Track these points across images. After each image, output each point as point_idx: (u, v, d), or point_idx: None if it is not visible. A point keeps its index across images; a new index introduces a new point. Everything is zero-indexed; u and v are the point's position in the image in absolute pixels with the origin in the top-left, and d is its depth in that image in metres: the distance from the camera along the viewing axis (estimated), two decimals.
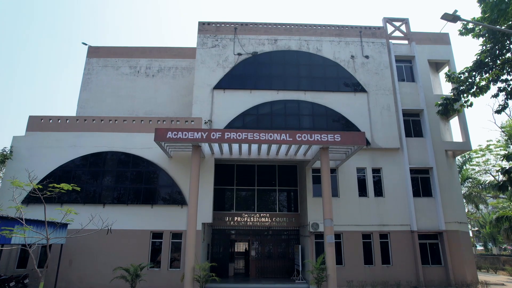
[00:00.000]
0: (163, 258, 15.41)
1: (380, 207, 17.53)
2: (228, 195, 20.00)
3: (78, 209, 14.92)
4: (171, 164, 16.42)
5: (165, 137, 14.02)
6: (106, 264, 14.64)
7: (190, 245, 13.49)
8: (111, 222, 13.85)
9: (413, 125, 19.20)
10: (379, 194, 17.94)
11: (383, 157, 18.28)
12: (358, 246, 16.97)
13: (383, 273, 16.61)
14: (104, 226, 11.64)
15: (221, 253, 19.21)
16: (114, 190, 16.03)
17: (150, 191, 16.09)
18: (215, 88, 18.67)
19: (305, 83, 19.09)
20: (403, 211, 17.47)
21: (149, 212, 15.82)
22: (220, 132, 14.10)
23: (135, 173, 16.27)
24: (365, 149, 18.13)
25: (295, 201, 19.80)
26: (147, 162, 16.39)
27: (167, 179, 16.21)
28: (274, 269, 19.02)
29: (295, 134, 14.27)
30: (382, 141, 18.20)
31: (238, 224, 19.10)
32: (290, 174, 20.13)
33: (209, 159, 16.56)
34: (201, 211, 15.46)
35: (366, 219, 17.30)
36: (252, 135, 14.10)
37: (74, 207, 15.11)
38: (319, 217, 16.89)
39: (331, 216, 14.18)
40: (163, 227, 15.68)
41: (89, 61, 21.71)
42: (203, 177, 16.08)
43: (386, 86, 19.20)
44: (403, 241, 17.08)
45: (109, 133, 16.75)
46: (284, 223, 19.24)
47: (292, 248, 19.44)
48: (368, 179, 18.00)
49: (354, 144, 14.35)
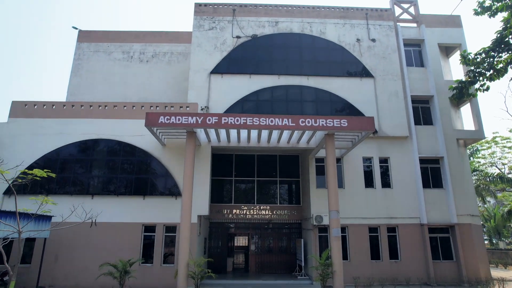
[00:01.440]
0: (156, 253, 14.21)
1: (388, 199, 16.31)
2: (226, 186, 18.78)
3: (65, 200, 13.74)
4: (164, 152, 15.16)
5: (157, 122, 12.74)
6: (95, 259, 13.43)
7: (184, 239, 12.27)
8: (96, 214, 12.63)
9: (423, 112, 17.91)
10: (387, 185, 16.70)
11: (391, 146, 17.02)
12: (365, 240, 15.77)
13: (391, 269, 15.43)
14: (88, 218, 10.41)
15: (219, 247, 18.03)
16: (103, 180, 14.78)
17: (142, 181, 14.84)
18: (212, 73, 17.36)
19: (308, 68, 17.78)
20: (412, 203, 16.25)
21: (141, 203, 14.59)
22: (216, 117, 12.82)
23: (126, 162, 15.02)
24: (372, 138, 16.87)
25: (297, 193, 18.57)
26: (139, 150, 15.12)
27: (160, 169, 14.95)
28: (275, 264, 17.85)
29: (298, 119, 12.99)
30: (390, 129, 16.93)
31: (237, 217, 17.90)
32: (292, 164, 18.89)
33: (206, 147, 15.30)
34: (196, 203, 14.23)
35: (373, 212, 16.09)
36: (251, 120, 12.82)
37: (60, 198, 13.91)
38: (323, 210, 15.69)
39: (337, 207, 12.95)
40: (156, 219, 14.46)
41: (79, 46, 20.36)
42: (199, 166, 14.84)
43: (394, 71, 17.89)
44: (412, 235, 15.87)
45: (99, 120, 15.46)
46: (286, 216, 18.03)
47: (293, 242, 18.25)
48: (375, 169, 16.76)
49: (362, 129, 13.08)
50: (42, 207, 8.87)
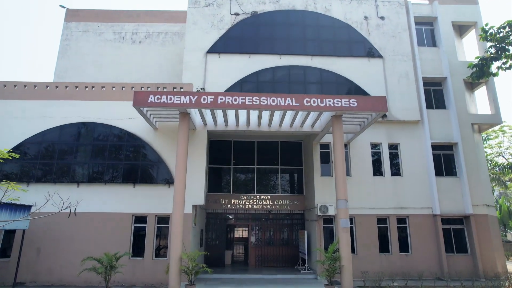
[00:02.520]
0: (147, 246, 12.93)
1: (398, 188, 15.00)
2: (224, 175, 17.47)
3: (47, 189, 12.40)
4: (156, 137, 13.81)
5: (146, 102, 11.36)
6: (81, 252, 12.11)
7: (176, 231, 10.98)
8: (75, 203, 11.33)
9: (435, 95, 16.52)
10: (397, 173, 15.38)
11: (401, 131, 15.65)
12: (373, 231, 14.50)
13: (401, 263, 14.19)
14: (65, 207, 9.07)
15: (216, 239, 16.77)
16: (90, 167, 13.44)
17: (132, 168, 13.51)
18: (209, 52, 15.92)
19: (312, 47, 16.33)
20: (423, 192, 14.95)
21: (131, 192, 13.28)
22: (212, 96, 11.44)
23: (114, 148, 13.67)
24: (381, 122, 15.51)
25: (300, 181, 17.27)
26: (129, 134, 13.76)
27: (152, 155, 13.61)
28: (276, 257, 16.61)
29: (303, 98, 11.61)
30: (400, 113, 15.54)
31: (235, 208, 16.63)
32: (294, 151, 17.55)
33: (201, 131, 13.93)
34: (191, 191, 12.93)
35: (381, 201, 14.79)
36: (250, 100, 11.44)
37: (42, 186, 12.62)
38: (328, 199, 14.42)
39: (346, 196, 11.63)
40: (147, 209, 13.16)
41: (67, 26, 18.86)
42: (194, 151, 13.51)
43: (404, 51, 16.44)
44: (424, 226, 14.60)
45: (85, 102, 14.07)
46: (287, 206, 16.75)
47: (296, 234, 16.99)
48: (384, 156, 15.42)
49: (373, 110, 11.70)
50: (8, 194, 7.55)
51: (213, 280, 13.24)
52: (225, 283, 12.85)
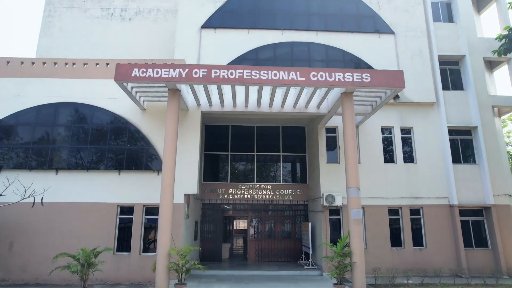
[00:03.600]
0: (134, 240, 11.46)
1: (411, 176, 13.51)
2: (221, 163, 16.00)
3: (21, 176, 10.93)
4: (144, 118, 12.26)
5: (130, 75, 9.79)
6: (60, 248, 10.57)
7: (164, 223, 9.50)
8: (40, 191, 9.85)
9: (451, 75, 14.94)
10: (410, 159, 13.88)
11: (415, 114, 14.11)
12: (384, 223, 13.06)
13: (414, 258, 12.77)
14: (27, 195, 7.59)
15: (212, 232, 15.34)
16: (70, 152, 11.92)
17: (117, 153, 11.99)
18: (204, 27, 14.29)
19: (317, 22, 14.70)
20: (439, 181, 13.46)
21: (116, 180, 11.78)
22: (205, 69, 9.86)
23: (97, 131, 12.13)
24: (393, 104, 13.96)
25: (303, 169, 15.78)
26: (113, 116, 12.21)
27: (139, 138, 12.08)
28: (277, 251, 15.20)
29: (309, 72, 10.04)
30: (414, 94, 13.98)
31: (233, 198, 15.19)
32: (297, 137, 16.04)
33: (195, 112, 12.37)
34: (182, 179, 11.45)
35: (393, 191, 13.32)
36: (249, 74, 9.87)
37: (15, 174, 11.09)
38: (334, 188, 12.97)
39: (358, 183, 10.14)
40: (134, 199, 11.67)
41: (50, 1, 17.15)
42: (187, 135, 11.99)
43: (418, 27, 14.80)
44: (440, 218, 13.15)
45: (65, 80, 12.48)
46: (290, 196, 15.30)
47: (299, 226, 15.57)
48: (396, 141, 13.91)
49: (389, 86, 10.15)
50: None
51: (208, 277, 11.83)
52: (221, 281, 11.43)
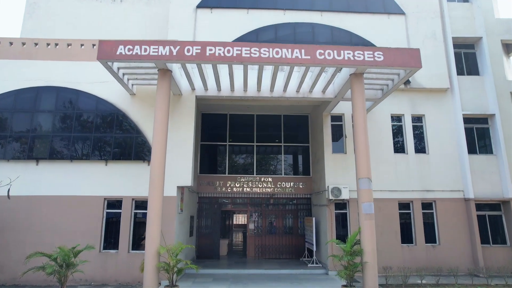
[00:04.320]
0: (122, 236, 10.41)
1: (423, 167, 12.44)
2: (219, 154, 14.93)
3: None
4: (134, 104, 11.16)
5: (114, 53, 8.68)
6: (41, 245, 9.56)
7: (153, 218, 8.44)
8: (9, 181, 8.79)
9: (466, 59, 13.80)
10: (421, 149, 12.80)
11: (427, 100, 13.01)
12: (394, 218, 12.01)
13: (427, 255, 11.74)
14: None
15: (210, 227, 14.30)
16: (52, 141, 10.83)
17: (104, 141, 10.91)
18: (199, 7, 13.14)
19: (321, 1, 13.52)
20: (453, 173, 12.40)
21: (103, 171, 10.71)
22: (199, 46, 8.74)
23: (82, 117, 11.03)
24: (403, 90, 12.87)
25: (306, 161, 14.71)
26: (100, 101, 11.11)
27: (128, 125, 10.99)
28: (278, 248, 14.18)
29: (315, 50, 8.91)
30: (426, 80, 12.86)
31: (232, 191, 14.14)
32: (300, 126, 14.96)
33: (188, 97, 11.25)
34: (175, 170, 10.40)
35: (404, 183, 12.25)
36: (248, 51, 8.75)
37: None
38: (340, 180, 11.94)
39: (369, 174, 9.07)
40: (122, 192, 10.61)
41: None
42: (180, 121, 10.89)
43: (430, 7, 13.64)
44: (454, 212, 12.10)
45: (47, 62, 11.37)
46: (292, 189, 14.25)
47: (301, 222, 14.53)
48: (407, 130, 12.82)
49: (404, 66, 9.03)
50: None
51: (204, 277, 10.81)
52: (218, 281, 10.41)
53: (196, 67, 10.11)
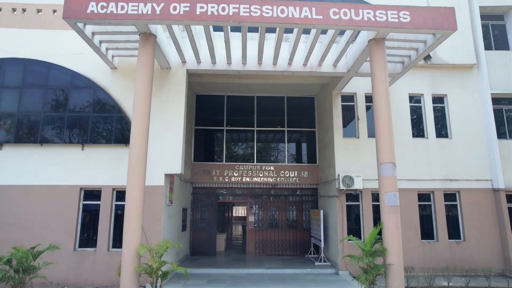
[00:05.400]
0: (101, 233, 8.88)
1: (445, 153, 10.89)
2: (215, 140, 13.39)
3: None
4: (115, 79, 9.54)
5: (84, 11, 7.01)
6: (5, 244, 8.14)
7: (132, 211, 6.90)
8: None
9: (495, 32, 12.14)
10: (443, 133, 11.24)
11: (450, 78, 11.39)
12: (413, 211, 10.48)
13: (450, 253, 10.25)
14: None
15: (205, 221, 12.80)
16: (18, 122, 9.24)
17: (80, 122, 9.32)
18: None
19: None
20: (480, 160, 10.84)
21: (79, 156, 9.14)
22: (187, 3, 7.07)
23: (55, 94, 9.43)
24: (422, 67, 11.26)
25: (312, 148, 13.16)
26: (75, 76, 9.49)
27: (108, 104, 9.39)
28: (281, 243, 12.69)
29: (328, 8, 7.24)
30: (449, 55, 11.23)
31: (230, 181, 12.62)
32: (305, 109, 13.37)
33: (178, 71, 9.60)
34: (164, 156, 8.86)
35: (424, 171, 10.71)
36: (247, 9, 7.07)
37: None
38: (352, 168, 10.42)
39: (393, 157, 7.50)
40: (101, 181, 9.05)
41: None
42: (168, 100, 9.29)
43: None
44: (482, 204, 10.58)
45: (12, 30, 9.72)
46: (296, 179, 12.73)
47: (307, 214, 13.02)
48: (427, 112, 11.23)
49: (436, 28, 7.41)
50: None
51: (197, 278, 9.32)
52: (213, 282, 8.93)
53: (186, 35, 8.49)
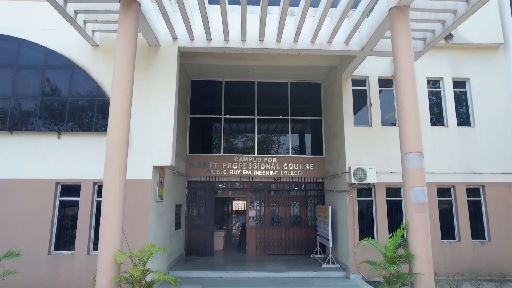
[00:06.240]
0: (80, 233, 7.70)
1: (467, 144, 9.70)
2: (212, 129, 12.19)
3: None
4: (97, 58, 8.29)
5: None
6: None
7: (109, 211, 5.72)
8: None
9: None
10: (465, 122, 10.03)
11: (473, 60, 10.15)
12: (432, 207, 9.23)
13: (474, 254, 9.11)
14: None
15: (202, 217, 11.64)
16: None
17: (56, 107, 8.10)
18: None
19: None
20: (507, 151, 9.65)
21: (55, 146, 7.94)
22: None
23: (27, 75, 8.19)
24: (441, 47, 10.02)
25: (318, 138, 11.97)
26: (51, 54, 8.25)
27: (88, 86, 8.16)
28: (284, 242, 11.56)
29: None
30: (472, 33, 9.97)
31: (228, 174, 11.45)
32: (310, 96, 12.17)
33: (168, 49, 8.34)
34: (150, 145, 7.67)
35: (443, 163, 9.52)
36: None
37: None
38: (365, 159, 9.27)
39: (420, 146, 6.29)
40: (81, 174, 7.86)
41: None
42: (157, 82, 8.05)
43: None
44: (509, 200, 9.42)
45: None
46: (300, 172, 11.56)
47: (312, 211, 11.87)
48: (447, 97, 10.01)
49: None
50: None
51: (191, 282, 8.19)
52: None
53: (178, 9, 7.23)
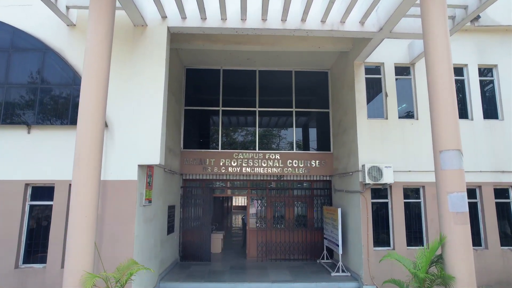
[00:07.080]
0: (53, 243, 6.58)
1: (495, 139, 8.58)
2: (210, 123, 11.05)
3: None
4: (73, 39, 7.11)
5: None
6: None
7: (78, 221, 4.60)
8: None
9: None
10: (492, 114, 8.90)
11: (501, 45, 8.99)
12: None
13: (504, 264, 8.04)
14: None
15: (198, 219, 10.55)
16: None
17: (25, 96, 6.95)
18: None
19: None
20: None
21: (24, 142, 6.79)
22: None
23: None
24: (467, 30, 8.85)
25: (325, 132, 10.83)
26: (18, 34, 7.06)
27: (63, 72, 6.98)
28: (287, 246, 10.50)
29: None
30: (501, 14, 8.78)
31: (227, 172, 10.34)
32: (317, 86, 11.01)
33: (157, 29, 7.12)
34: (135, 140, 6.52)
35: (467, 161, 8.28)
36: None
37: None
38: (379, 157, 8.17)
39: (459, 143, 5.19)
40: (54, 174, 6.71)
41: None
42: (144, 68, 6.86)
43: None
44: None
45: None
46: (306, 169, 10.44)
47: (319, 212, 10.78)
48: (471, 87, 8.87)
49: None
50: None
51: None
52: None
53: None
